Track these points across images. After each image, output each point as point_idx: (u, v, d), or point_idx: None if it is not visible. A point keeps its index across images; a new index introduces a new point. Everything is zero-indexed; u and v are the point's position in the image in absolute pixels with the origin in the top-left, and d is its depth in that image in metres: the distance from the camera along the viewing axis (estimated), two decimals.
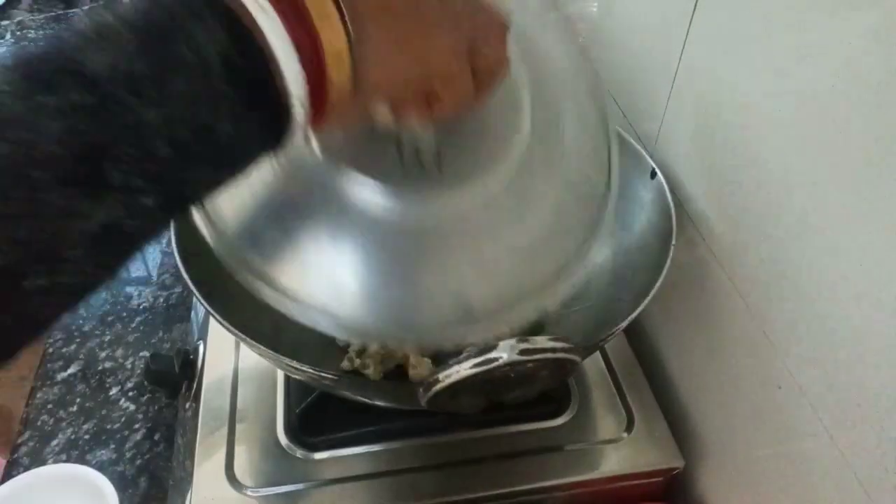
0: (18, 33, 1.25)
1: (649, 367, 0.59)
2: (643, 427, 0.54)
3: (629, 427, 0.54)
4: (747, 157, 0.45)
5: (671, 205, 0.50)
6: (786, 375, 0.42)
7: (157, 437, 0.63)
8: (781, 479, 0.45)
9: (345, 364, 0.54)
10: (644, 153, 0.55)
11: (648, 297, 0.45)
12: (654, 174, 0.53)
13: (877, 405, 0.35)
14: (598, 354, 0.59)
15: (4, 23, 1.27)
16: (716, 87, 0.48)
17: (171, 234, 0.48)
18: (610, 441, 0.53)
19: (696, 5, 0.50)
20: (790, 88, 0.40)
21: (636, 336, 0.62)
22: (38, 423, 0.64)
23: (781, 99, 0.41)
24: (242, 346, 0.58)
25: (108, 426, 0.64)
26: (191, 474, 0.51)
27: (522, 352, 0.35)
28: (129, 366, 0.69)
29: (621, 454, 0.52)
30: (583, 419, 0.54)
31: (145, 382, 0.67)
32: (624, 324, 0.44)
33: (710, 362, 0.53)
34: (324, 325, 0.36)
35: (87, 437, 0.63)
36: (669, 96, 0.55)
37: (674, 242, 0.48)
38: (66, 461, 0.61)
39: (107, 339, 0.72)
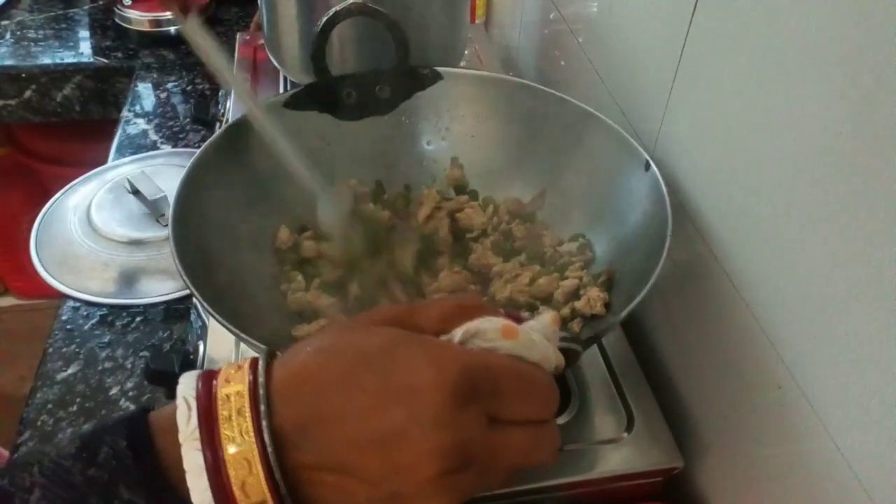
0: (18, 33, 1.25)
1: (649, 366, 0.59)
2: (643, 427, 0.54)
3: (629, 427, 0.54)
4: (747, 156, 0.45)
5: (666, 196, 0.50)
6: (786, 375, 0.42)
7: None
8: (781, 479, 0.45)
9: None
10: (637, 146, 0.55)
11: (647, 287, 0.45)
12: (648, 166, 0.53)
13: (877, 405, 0.35)
14: (598, 355, 0.59)
15: (4, 23, 1.27)
16: (716, 86, 0.48)
17: (170, 233, 0.48)
18: (610, 441, 0.53)
19: (696, 5, 0.50)
20: (790, 87, 0.40)
21: (636, 336, 0.62)
22: (38, 423, 0.64)
23: (781, 98, 0.41)
24: (242, 345, 0.58)
25: None
26: None
27: None
28: (129, 366, 0.69)
29: (621, 454, 0.52)
30: (582, 419, 0.54)
31: (145, 382, 0.67)
32: (623, 313, 0.44)
33: (710, 362, 0.53)
34: None
35: None
36: (669, 96, 0.55)
37: (669, 232, 0.47)
38: None
39: (107, 339, 0.72)
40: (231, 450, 0.29)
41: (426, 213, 0.63)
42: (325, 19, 0.60)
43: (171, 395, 0.52)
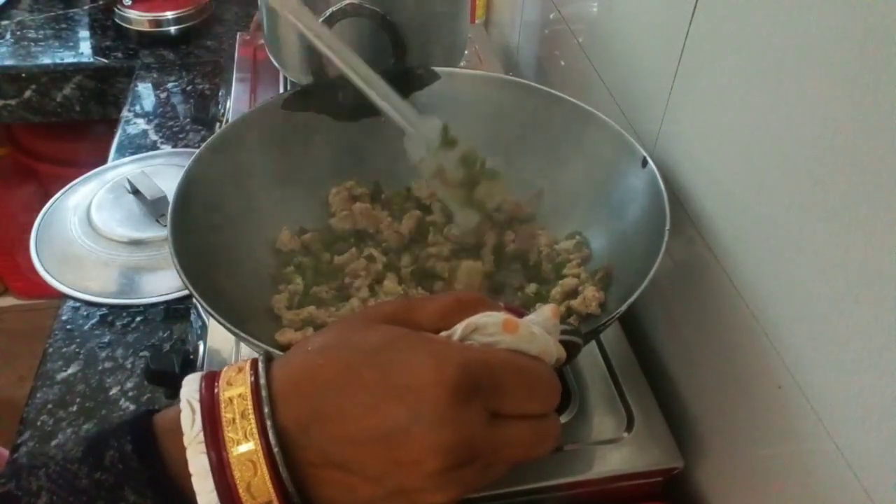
0: (18, 33, 1.25)
1: (649, 366, 0.59)
2: (643, 427, 0.54)
3: (629, 427, 0.54)
4: (748, 156, 0.45)
5: (663, 190, 0.50)
6: (786, 375, 0.42)
7: None
8: (781, 480, 0.45)
9: None
10: (634, 142, 0.55)
11: (646, 281, 0.45)
12: (645, 162, 0.53)
13: (877, 405, 0.35)
14: (598, 355, 0.59)
15: (4, 23, 1.27)
16: (716, 86, 0.48)
17: (169, 234, 0.48)
18: (610, 441, 0.53)
19: (695, 5, 0.50)
20: (790, 87, 0.40)
21: (636, 336, 0.62)
22: (38, 423, 0.64)
23: (782, 97, 0.41)
24: (242, 345, 0.58)
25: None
26: None
27: None
28: (129, 366, 0.69)
29: (621, 454, 0.52)
30: (582, 419, 0.54)
31: (145, 382, 0.67)
32: (623, 307, 0.44)
33: (710, 362, 0.53)
34: None
35: None
36: (669, 96, 0.55)
37: (668, 226, 0.48)
38: None
39: (107, 339, 0.72)
40: (236, 452, 0.29)
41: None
42: (321, 20, 0.60)
43: (171, 395, 0.52)
